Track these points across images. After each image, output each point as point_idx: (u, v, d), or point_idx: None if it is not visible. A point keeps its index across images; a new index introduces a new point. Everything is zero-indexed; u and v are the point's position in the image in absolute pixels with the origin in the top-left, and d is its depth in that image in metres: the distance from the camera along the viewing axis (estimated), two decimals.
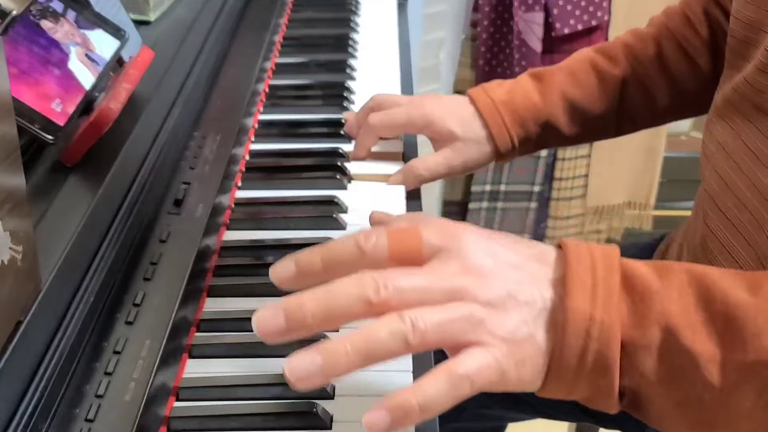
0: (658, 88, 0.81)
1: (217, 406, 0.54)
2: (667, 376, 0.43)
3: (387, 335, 0.41)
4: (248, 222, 0.72)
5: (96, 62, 0.65)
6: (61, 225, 0.55)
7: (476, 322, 0.43)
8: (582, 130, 0.82)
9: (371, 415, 0.41)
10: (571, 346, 0.43)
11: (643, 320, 0.43)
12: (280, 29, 1.08)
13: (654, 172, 1.81)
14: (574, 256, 0.45)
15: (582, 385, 0.44)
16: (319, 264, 0.45)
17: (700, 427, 0.45)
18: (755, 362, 0.42)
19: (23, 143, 0.59)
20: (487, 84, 0.81)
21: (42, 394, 0.47)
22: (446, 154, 0.78)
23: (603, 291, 0.43)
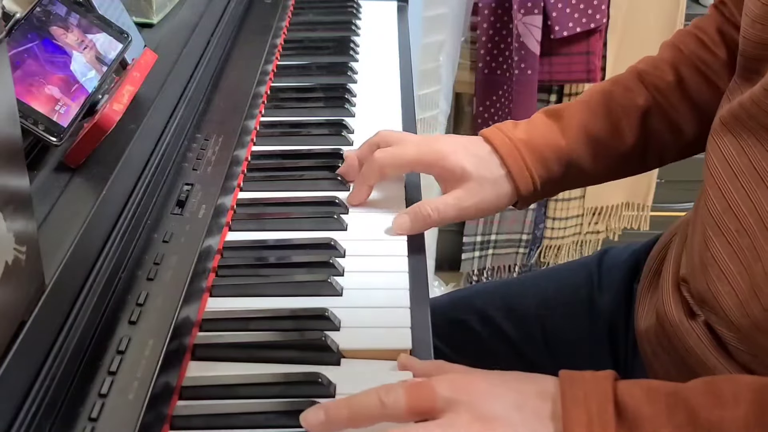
0: (683, 116, 0.76)
1: (220, 405, 0.54)
2: None
3: None
4: (250, 223, 0.72)
5: (99, 64, 0.66)
6: (64, 226, 0.55)
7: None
8: (607, 167, 0.76)
9: None
10: None
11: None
12: (281, 32, 1.09)
13: (652, 173, 1.81)
14: (570, 394, 0.49)
15: None
16: (345, 414, 0.50)
17: None
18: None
19: (27, 144, 0.60)
20: (501, 124, 0.76)
21: (46, 393, 0.47)
22: (458, 194, 0.71)
23: (598, 426, 0.48)
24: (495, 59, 1.68)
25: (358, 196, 0.74)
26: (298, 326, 0.60)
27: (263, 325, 0.60)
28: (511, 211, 1.84)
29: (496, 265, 1.88)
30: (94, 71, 0.65)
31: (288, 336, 0.59)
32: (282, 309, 0.62)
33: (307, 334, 0.59)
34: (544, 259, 1.87)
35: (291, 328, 0.60)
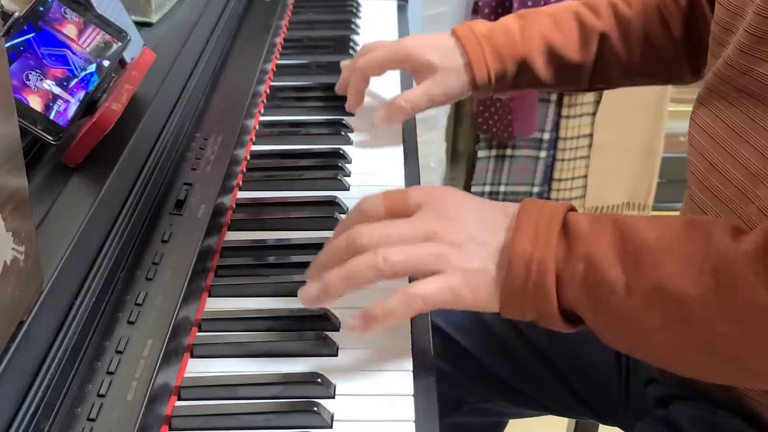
0: (634, 47, 0.83)
1: (219, 405, 0.54)
2: (592, 303, 0.54)
3: (364, 267, 0.55)
4: (249, 222, 0.72)
5: (98, 64, 0.66)
6: (63, 225, 0.55)
7: (440, 256, 0.55)
8: (557, 77, 0.83)
9: (351, 321, 0.55)
10: (514, 278, 0.54)
11: (572, 257, 0.54)
12: (281, 31, 1.08)
13: (652, 173, 1.81)
14: (525, 210, 0.56)
15: (529, 309, 0.55)
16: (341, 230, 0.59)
17: (629, 342, 0.55)
18: (653, 288, 0.52)
19: (26, 144, 0.60)
20: (472, 21, 0.84)
21: (44, 393, 0.47)
22: (426, 85, 0.81)
23: (543, 236, 0.54)
24: None
25: (353, 102, 0.86)
26: (297, 326, 0.60)
27: (262, 326, 0.60)
28: None
29: None
30: (94, 65, 0.65)
31: (287, 336, 0.59)
32: (281, 309, 0.61)
33: (306, 335, 0.59)
34: None
35: (290, 329, 0.60)
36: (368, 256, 0.55)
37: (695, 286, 0.51)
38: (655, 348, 0.54)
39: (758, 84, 0.61)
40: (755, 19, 0.61)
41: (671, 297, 0.51)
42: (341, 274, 0.55)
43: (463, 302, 0.56)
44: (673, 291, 0.51)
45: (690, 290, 0.51)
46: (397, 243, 0.55)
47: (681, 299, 0.51)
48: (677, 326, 0.52)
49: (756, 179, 0.61)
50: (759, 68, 0.61)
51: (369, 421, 0.53)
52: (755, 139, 0.61)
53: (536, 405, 0.88)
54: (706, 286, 0.50)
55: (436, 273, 0.55)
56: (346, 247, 0.56)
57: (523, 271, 0.54)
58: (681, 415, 0.69)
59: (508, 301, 0.55)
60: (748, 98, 0.62)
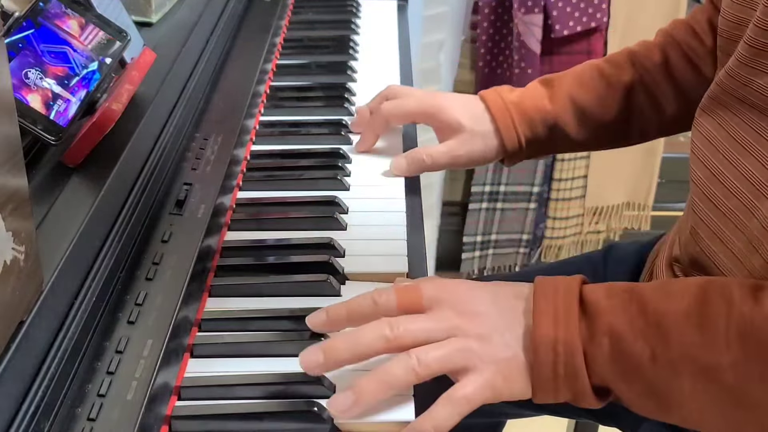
0: (665, 95, 0.82)
1: (219, 405, 0.54)
2: (621, 375, 0.54)
3: (400, 370, 0.53)
4: (249, 222, 0.72)
5: (100, 61, 0.66)
6: (63, 225, 0.55)
7: (469, 352, 0.55)
8: (590, 136, 0.83)
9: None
10: (543, 363, 0.54)
11: (596, 334, 0.54)
12: (281, 31, 1.08)
13: (652, 173, 1.81)
14: (540, 292, 0.56)
15: (563, 390, 0.55)
16: (344, 315, 0.57)
17: (660, 410, 0.55)
18: (680, 357, 0.52)
19: (26, 144, 0.60)
20: (499, 87, 0.83)
21: (44, 393, 0.47)
22: (451, 144, 0.80)
23: (563, 316, 0.55)
24: (495, 58, 1.68)
25: (365, 143, 0.83)
26: (297, 326, 0.60)
27: (262, 326, 0.60)
28: (512, 210, 1.85)
29: (496, 265, 1.88)
30: (96, 63, 0.64)
31: (287, 336, 0.59)
32: (281, 309, 0.61)
33: (306, 335, 0.59)
34: (544, 259, 1.87)
35: (290, 329, 0.60)
36: (402, 359, 0.53)
37: (723, 354, 0.51)
38: (687, 413, 0.54)
39: (759, 96, 0.60)
40: (755, 30, 0.60)
41: (701, 366, 0.52)
42: (377, 380, 0.53)
43: (501, 395, 0.55)
44: (702, 360, 0.52)
45: (719, 359, 0.51)
46: (422, 339, 0.54)
47: (711, 368, 0.51)
48: (709, 393, 0.52)
49: (759, 193, 0.61)
50: (759, 80, 0.60)
51: (369, 421, 0.53)
52: (758, 151, 0.61)
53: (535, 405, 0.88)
54: (734, 354, 0.51)
55: (467, 370, 0.54)
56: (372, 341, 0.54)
57: (551, 355, 0.54)
58: None
59: (541, 387, 0.55)
60: (751, 110, 0.62)
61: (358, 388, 0.53)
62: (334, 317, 0.57)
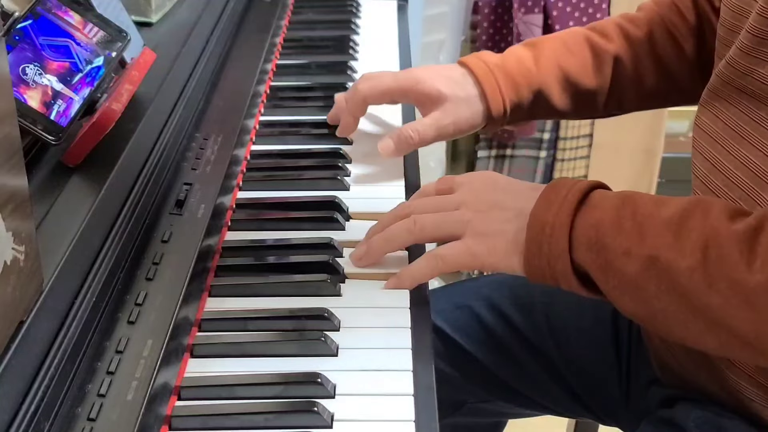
0: (647, 68, 0.82)
1: (219, 405, 0.54)
2: (601, 266, 0.58)
3: (400, 229, 0.64)
4: (249, 222, 0.72)
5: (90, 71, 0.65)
6: (63, 225, 0.55)
7: (464, 222, 0.62)
8: (572, 104, 0.82)
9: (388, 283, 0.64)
10: (532, 240, 0.60)
11: (584, 223, 0.58)
12: (281, 31, 1.08)
13: (653, 173, 1.81)
14: (554, 184, 0.61)
15: (548, 270, 0.59)
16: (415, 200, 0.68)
17: (632, 307, 0.58)
18: (649, 256, 0.55)
19: (26, 144, 0.59)
20: (479, 52, 0.81)
21: (44, 393, 0.47)
22: (435, 115, 0.77)
23: (559, 205, 0.59)
24: None
25: (346, 128, 0.82)
26: (297, 326, 0.60)
27: (262, 326, 0.60)
28: None
29: None
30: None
31: (287, 336, 0.59)
32: (281, 309, 0.61)
33: (306, 334, 0.59)
34: None
35: (290, 329, 0.60)
36: (404, 221, 0.63)
37: (685, 257, 0.54)
38: (655, 314, 0.57)
39: (760, 85, 0.61)
40: (757, 19, 0.60)
41: (663, 266, 0.55)
42: (382, 236, 0.64)
43: (481, 263, 0.61)
44: (665, 261, 0.55)
45: (680, 261, 0.54)
46: (431, 211, 0.63)
47: (672, 269, 0.55)
48: (670, 294, 0.55)
49: (761, 181, 0.61)
50: (761, 69, 0.61)
51: (369, 421, 0.53)
52: (759, 141, 0.61)
53: (536, 405, 0.88)
54: (695, 259, 0.54)
55: (456, 236, 0.62)
56: (393, 216, 0.65)
57: (539, 233, 0.59)
58: (686, 417, 0.69)
59: (529, 263, 0.60)
60: (750, 99, 0.62)
61: (369, 242, 0.65)
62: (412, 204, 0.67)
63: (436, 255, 0.62)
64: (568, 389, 0.84)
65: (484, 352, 0.83)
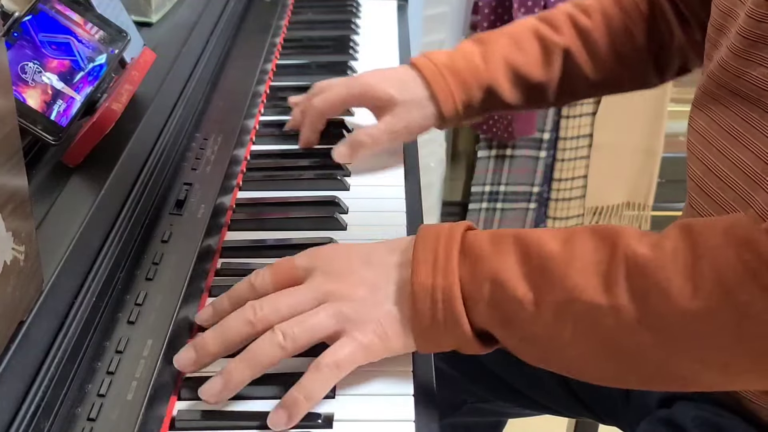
0: (598, 57, 0.82)
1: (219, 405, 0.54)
2: (503, 320, 0.53)
3: (266, 347, 0.53)
4: (249, 222, 0.72)
5: (91, 70, 0.65)
6: (63, 225, 0.55)
7: (339, 315, 0.54)
8: (523, 98, 0.82)
9: (273, 415, 0.52)
10: (422, 312, 0.53)
11: (477, 278, 0.53)
12: (281, 31, 1.08)
13: (652, 173, 1.81)
14: (421, 239, 0.55)
15: (445, 338, 0.54)
16: (227, 303, 0.57)
17: (541, 356, 0.54)
18: (564, 300, 0.51)
19: (26, 144, 0.60)
20: (428, 51, 0.81)
21: (44, 393, 0.47)
22: (387, 119, 0.78)
23: (442, 262, 0.53)
24: None
25: (307, 142, 0.82)
26: None
27: None
28: (512, 210, 1.85)
29: None
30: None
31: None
32: None
33: None
34: None
35: None
36: (267, 337, 0.53)
37: (605, 296, 0.50)
38: (568, 360, 0.53)
39: (752, 87, 0.61)
40: (747, 21, 0.60)
41: (581, 309, 0.50)
42: (243, 362, 0.52)
43: (377, 353, 0.54)
44: (583, 303, 0.50)
45: (600, 301, 0.50)
46: (289, 314, 0.54)
47: (592, 311, 0.50)
48: (590, 338, 0.51)
49: (755, 184, 0.61)
50: (752, 71, 0.61)
51: (369, 421, 0.53)
52: (752, 143, 0.61)
53: (535, 405, 0.88)
54: (616, 295, 0.49)
55: (340, 334, 0.54)
56: (238, 327, 0.54)
57: (429, 302, 0.53)
58: (685, 416, 0.69)
59: (422, 336, 0.54)
60: (743, 101, 0.62)
61: (227, 372, 0.53)
62: (219, 308, 0.57)
63: (329, 365, 0.52)
64: (567, 388, 0.84)
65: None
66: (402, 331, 0.54)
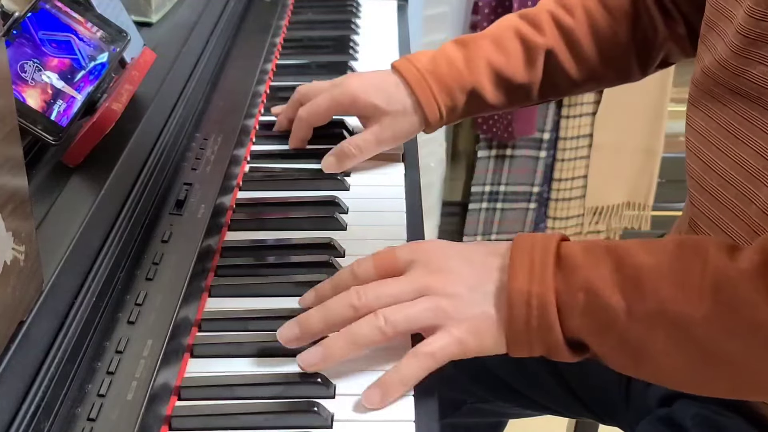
0: (580, 56, 0.82)
1: (219, 405, 0.54)
2: (595, 329, 0.54)
3: (366, 329, 0.55)
4: (249, 222, 0.72)
5: (93, 69, 0.65)
6: (63, 225, 0.55)
7: (438, 310, 0.56)
8: (506, 98, 0.82)
9: (368, 393, 0.54)
10: (517, 317, 0.55)
11: (571, 288, 0.54)
12: (281, 31, 1.08)
13: (653, 173, 1.81)
14: (517, 247, 0.57)
15: (536, 344, 0.55)
16: (330, 289, 0.60)
17: (632, 364, 0.55)
18: (655, 312, 0.52)
19: (26, 143, 0.60)
20: (411, 54, 0.82)
21: (44, 393, 0.47)
22: (374, 129, 0.78)
23: (539, 271, 0.55)
24: None
25: (296, 145, 0.82)
26: None
27: (262, 326, 0.60)
28: (512, 210, 1.85)
29: None
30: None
31: None
32: (281, 309, 0.61)
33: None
34: None
35: None
36: (369, 319, 0.55)
37: (697, 307, 0.51)
38: (659, 369, 0.55)
39: (752, 85, 0.61)
40: (746, 20, 0.60)
41: (674, 320, 0.52)
42: (344, 338, 0.55)
43: (470, 351, 0.56)
44: (676, 314, 0.52)
45: (692, 312, 0.51)
46: (390, 302, 0.56)
47: (684, 321, 0.52)
48: (681, 347, 0.53)
49: (756, 180, 0.61)
50: (752, 70, 0.61)
51: (369, 421, 0.53)
52: (753, 140, 0.61)
53: (536, 405, 0.88)
54: (707, 307, 0.51)
55: (437, 328, 0.56)
56: (341, 309, 0.56)
57: (525, 308, 0.54)
58: (685, 415, 0.69)
59: (515, 341, 0.55)
60: (743, 99, 0.62)
61: (327, 346, 0.55)
62: (321, 293, 0.60)
63: (426, 354, 0.55)
64: (568, 388, 0.84)
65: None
66: (496, 332, 0.56)
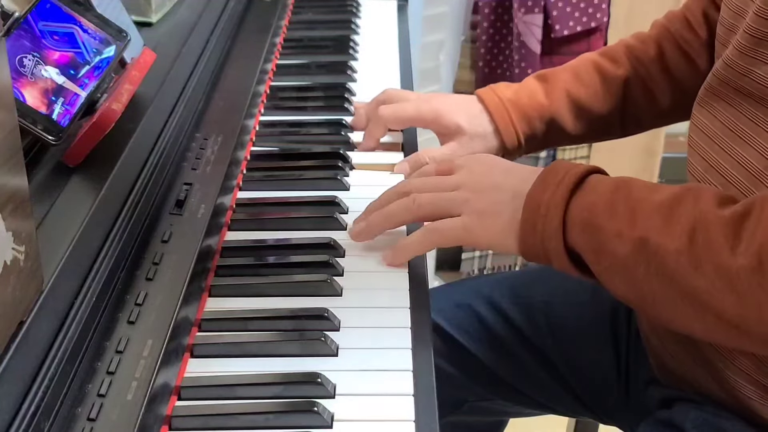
0: (660, 87, 0.84)
1: (219, 405, 0.54)
2: (592, 247, 0.59)
3: (400, 207, 0.66)
4: (249, 222, 0.72)
5: (98, 63, 0.65)
6: (63, 225, 0.55)
7: (463, 201, 0.64)
8: (586, 129, 0.84)
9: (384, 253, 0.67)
10: (527, 219, 0.62)
11: (577, 205, 0.60)
12: (281, 31, 1.08)
13: (653, 173, 1.81)
14: (552, 166, 0.63)
15: (542, 250, 0.61)
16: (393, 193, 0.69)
17: (623, 290, 0.60)
18: (639, 238, 0.57)
19: (26, 144, 0.60)
20: (495, 85, 0.84)
21: (44, 393, 0.47)
22: (452, 146, 0.81)
23: (555, 187, 0.61)
24: (495, 58, 1.68)
25: (367, 146, 0.84)
26: (297, 326, 0.60)
27: (262, 326, 0.60)
28: None
29: (496, 265, 1.88)
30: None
31: (287, 336, 0.59)
32: (281, 309, 0.61)
33: (306, 334, 0.59)
34: None
35: (290, 329, 0.60)
36: (404, 200, 0.66)
37: (673, 240, 0.55)
38: (644, 297, 0.58)
39: (757, 86, 0.61)
40: (755, 20, 0.60)
41: (654, 249, 0.56)
42: (381, 213, 0.67)
43: (476, 240, 0.64)
44: (654, 243, 0.56)
45: (668, 244, 0.55)
46: (430, 190, 0.66)
47: (661, 251, 0.56)
48: (658, 277, 0.56)
49: (757, 180, 0.61)
50: (758, 70, 0.61)
51: (369, 421, 0.53)
52: (756, 140, 0.62)
53: (536, 404, 0.88)
54: (681, 242, 0.55)
55: (452, 213, 0.64)
56: (393, 193, 0.68)
57: (534, 213, 0.61)
58: (684, 417, 0.69)
59: (524, 242, 0.62)
60: (748, 99, 0.62)
61: (369, 219, 0.68)
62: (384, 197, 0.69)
63: (432, 229, 0.64)
64: (567, 388, 0.84)
65: (484, 351, 0.84)
66: (507, 231, 0.63)
